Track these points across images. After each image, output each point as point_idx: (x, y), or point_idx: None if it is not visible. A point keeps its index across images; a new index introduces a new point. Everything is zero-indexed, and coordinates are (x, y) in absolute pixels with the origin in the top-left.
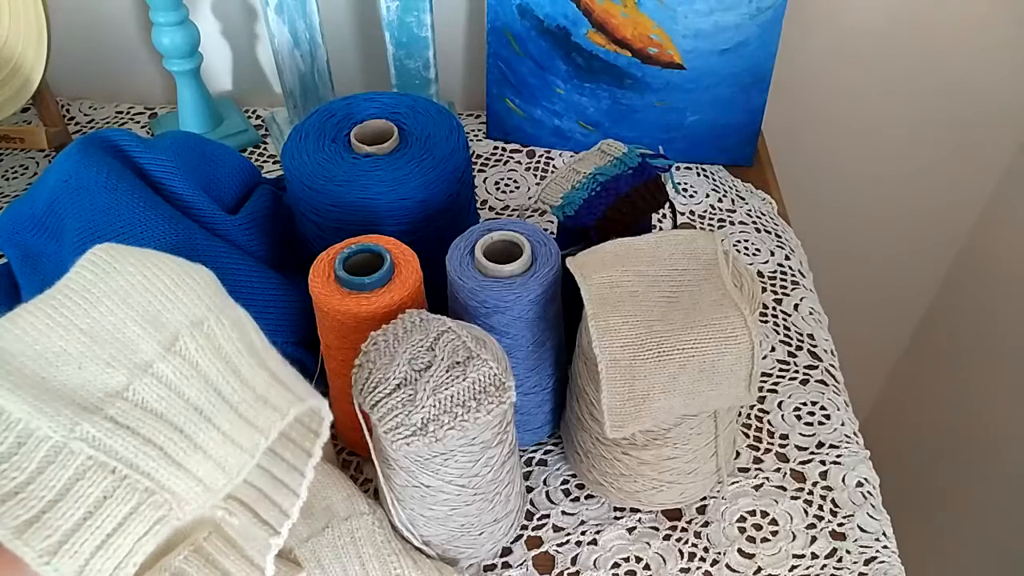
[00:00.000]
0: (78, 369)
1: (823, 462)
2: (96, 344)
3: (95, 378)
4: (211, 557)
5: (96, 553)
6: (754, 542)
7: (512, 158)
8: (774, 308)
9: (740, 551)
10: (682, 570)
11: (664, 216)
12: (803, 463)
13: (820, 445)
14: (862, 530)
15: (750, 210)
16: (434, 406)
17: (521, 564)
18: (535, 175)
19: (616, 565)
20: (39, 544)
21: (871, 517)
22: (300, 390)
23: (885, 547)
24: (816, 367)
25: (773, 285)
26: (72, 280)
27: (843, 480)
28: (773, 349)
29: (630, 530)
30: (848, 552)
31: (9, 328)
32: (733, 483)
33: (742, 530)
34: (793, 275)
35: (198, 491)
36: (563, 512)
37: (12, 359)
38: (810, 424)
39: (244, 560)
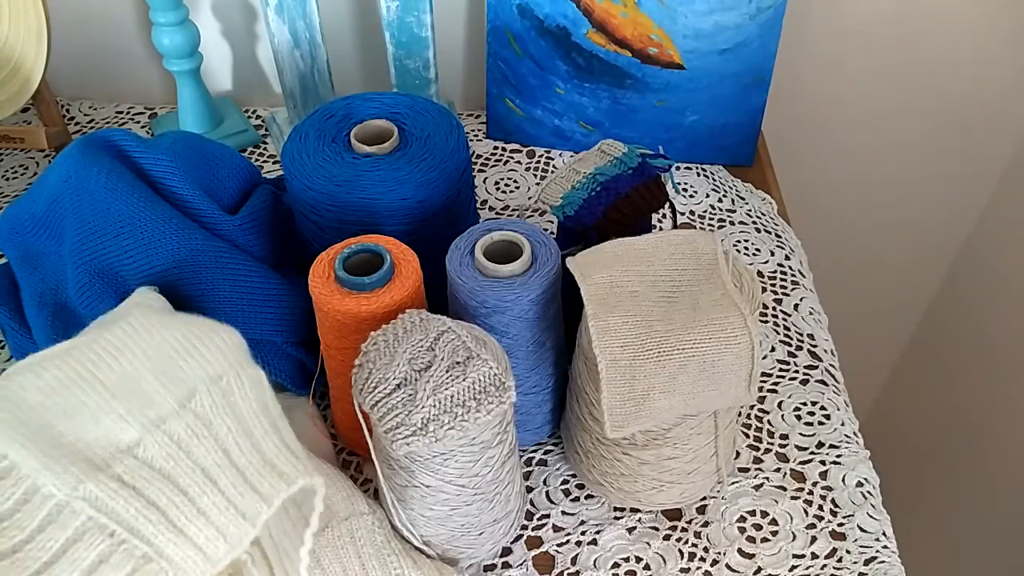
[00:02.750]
0: (94, 423)
1: (823, 462)
2: (115, 398)
3: (109, 432)
4: None
5: None
6: (754, 542)
7: (512, 158)
8: (774, 308)
9: (740, 551)
10: (682, 570)
11: (664, 216)
12: (803, 463)
13: (820, 445)
14: (862, 530)
15: (750, 210)
16: (434, 406)
17: (521, 564)
18: (535, 175)
19: (616, 565)
20: None
21: (871, 517)
22: (307, 463)
23: (885, 547)
24: (816, 367)
25: (773, 285)
26: (104, 336)
27: (843, 480)
28: (773, 349)
29: (630, 530)
30: (848, 552)
31: (34, 380)
32: (733, 483)
33: (742, 530)
34: (793, 275)
35: (196, 560)
36: (563, 512)
37: (31, 411)
38: (810, 424)
39: None
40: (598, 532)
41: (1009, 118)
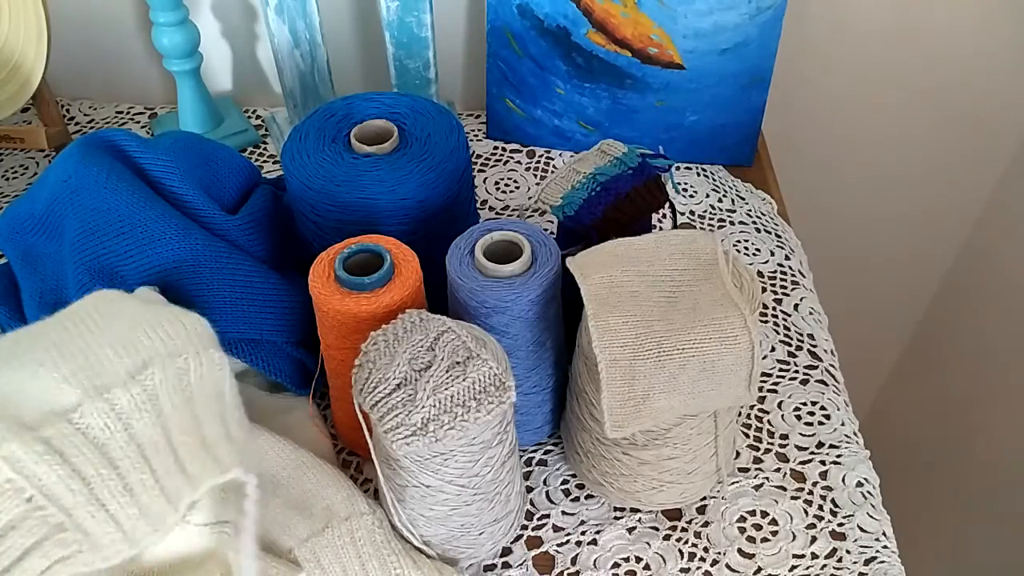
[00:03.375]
0: (33, 379)
1: (823, 462)
2: (61, 357)
3: (47, 392)
4: None
5: None
6: (754, 542)
7: (512, 158)
8: (774, 308)
9: (740, 551)
10: (682, 570)
11: (664, 216)
12: (803, 463)
13: (820, 445)
14: (862, 530)
15: (750, 210)
16: (434, 406)
17: (521, 564)
18: (535, 175)
19: (616, 565)
20: None
21: (871, 517)
22: (250, 456)
23: (885, 547)
24: (816, 367)
25: (773, 285)
26: (69, 307)
27: (843, 480)
28: (773, 349)
29: (630, 530)
30: (848, 552)
31: None
32: (733, 483)
33: (742, 530)
34: (793, 275)
35: (115, 537)
36: (563, 512)
37: None
38: (810, 424)
39: None
40: (598, 532)
41: (1009, 118)
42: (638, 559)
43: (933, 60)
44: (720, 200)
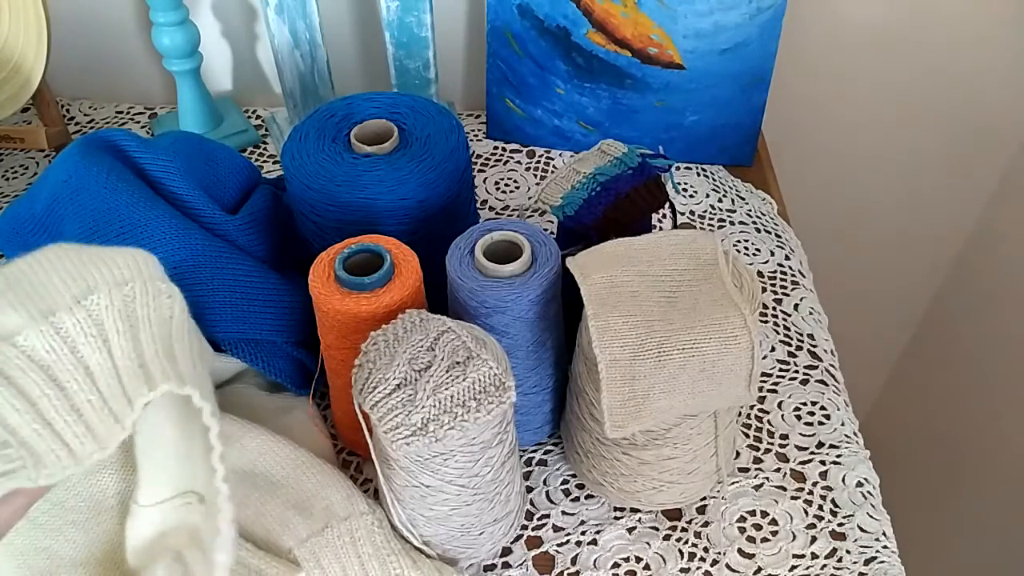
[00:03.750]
0: None
1: (823, 462)
2: (8, 287)
3: None
4: (189, 567)
5: None
6: (754, 542)
7: (512, 158)
8: (774, 308)
9: (740, 551)
10: (682, 570)
11: (664, 216)
12: (803, 463)
13: (820, 445)
14: (862, 530)
15: (750, 210)
16: (434, 406)
17: (521, 564)
18: (535, 175)
19: (616, 565)
20: None
21: (871, 517)
22: (190, 375)
23: (885, 547)
24: (816, 367)
25: (773, 285)
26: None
27: (843, 480)
28: (773, 349)
29: (630, 530)
30: (848, 552)
31: None
32: (733, 483)
33: (742, 530)
34: (793, 275)
35: (61, 454)
36: (563, 512)
37: None
38: (810, 424)
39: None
40: (598, 532)
41: (1010, 117)
42: (638, 559)
43: (933, 60)
44: (720, 200)
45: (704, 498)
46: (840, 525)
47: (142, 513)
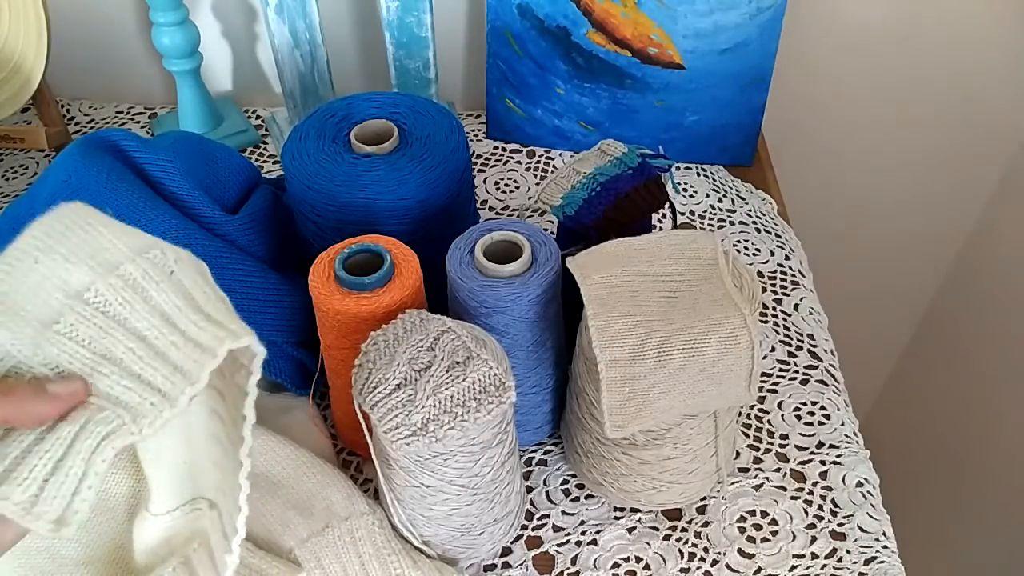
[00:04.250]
0: (31, 270)
1: (823, 462)
2: (58, 243)
3: (50, 277)
4: (196, 571)
5: (50, 479)
6: (754, 542)
7: (512, 158)
8: (774, 308)
9: (740, 551)
10: (682, 570)
11: (664, 216)
12: (803, 463)
13: (820, 445)
14: (862, 530)
15: (750, 210)
16: (434, 406)
17: (521, 564)
18: (535, 175)
19: (616, 565)
20: None
21: (871, 517)
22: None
23: (885, 547)
24: (816, 367)
25: (773, 285)
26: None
27: (843, 480)
28: (773, 349)
29: (630, 530)
30: (848, 552)
31: None
32: (733, 483)
33: (742, 530)
34: (793, 275)
35: (155, 400)
36: (563, 512)
37: None
38: (810, 424)
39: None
40: (598, 532)
41: (1010, 118)
42: (638, 559)
43: (933, 60)
44: (720, 200)
45: (704, 498)
46: (840, 525)
47: (153, 520)
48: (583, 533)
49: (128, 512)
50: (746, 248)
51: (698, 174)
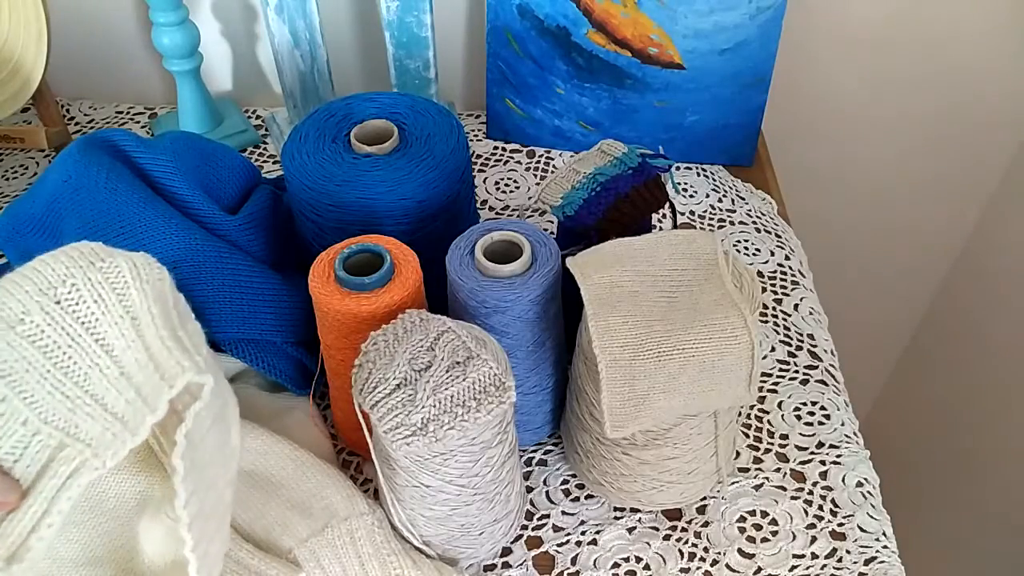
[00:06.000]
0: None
1: (823, 462)
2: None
3: (28, 268)
4: None
5: (5, 518)
6: (754, 542)
7: (512, 158)
8: (774, 308)
9: (740, 551)
10: (682, 570)
11: (664, 216)
12: (803, 463)
13: (820, 445)
14: (862, 530)
15: (750, 210)
16: (434, 406)
17: (521, 564)
18: (535, 175)
19: (616, 565)
20: None
21: (871, 517)
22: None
23: (885, 547)
24: (816, 367)
25: (773, 285)
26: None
27: (843, 480)
28: (773, 349)
29: (630, 530)
30: (848, 552)
31: None
32: (733, 483)
33: (742, 530)
34: (793, 275)
35: (116, 430)
36: (563, 512)
37: None
38: (810, 424)
39: None
40: (598, 532)
41: (1010, 118)
42: (638, 559)
43: (933, 60)
44: (720, 200)
45: (704, 498)
46: (840, 525)
47: (169, 523)
48: (583, 533)
49: (128, 512)
50: (746, 248)
51: (698, 174)
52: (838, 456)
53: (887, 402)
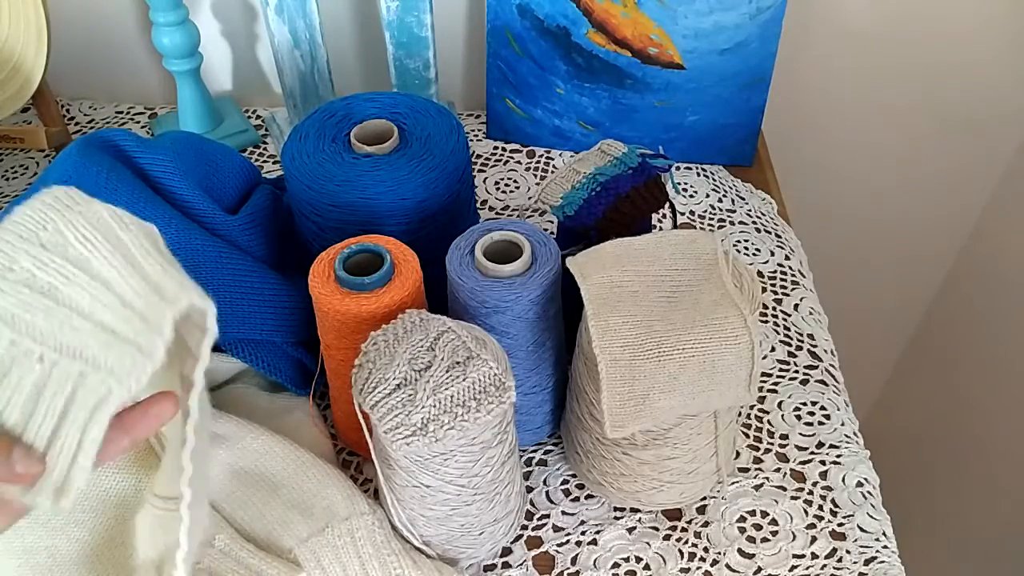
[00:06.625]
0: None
1: (823, 462)
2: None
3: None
4: None
5: (47, 452)
6: (754, 542)
7: (512, 158)
8: (774, 308)
9: (740, 551)
10: (682, 570)
11: (664, 216)
12: (803, 463)
13: (820, 445)
14: (862, 530)
15: (750, 210)
16: (434, 406)
17: (521, 564)
18: (535, 175)
19: (616, 565)
20: None
21: (871, 517)
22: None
23: (885, 547)
24: (816, 367)
25: (773, 285)
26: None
27: (843, 480)
28: (773, 349)
29: (630, 530)
30: (848, 552)
31: None
32: (733, 483)
33: (742, 530)
34: (793, 275)
35: (135, 356)
36: (563, 512)
37: None
38: (810, 424)
39: None
40: (598, 532)
41: (1010, 118)
42: (638, 559)
43: (933, 60)
44: (720, 200)
45: (704, 498)
46: (840, 525)
47: (152, 508)
48: (583, 533)
49: (129, 512)
50: (746, 248)
51: (698, 174)
52: (838, 456)
53: (887, 402)
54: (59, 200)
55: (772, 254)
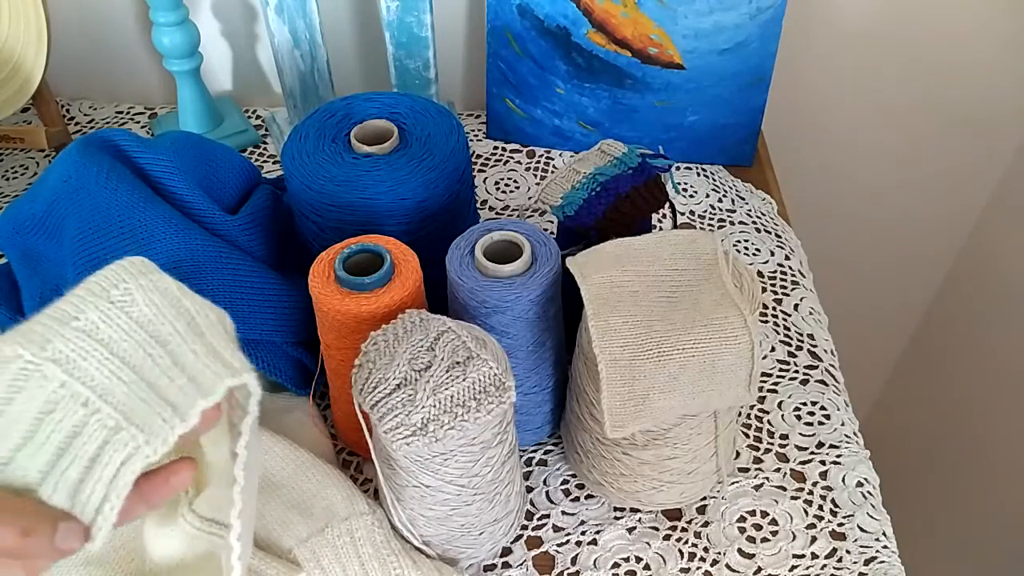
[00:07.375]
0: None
1: (823, 462)
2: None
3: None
4: None
5: (74, 498)
6: (754, 542)
7: (512, 158)
8: (774, 308)
9: (740, 551)
10: (682, 570)
11: (664, 216)
12: (803, 463)
13: (820, 445)
14: (862, 530)
15: (750, 210)
16: (434, 406)
17: (521, 564)
18: (535, 175)
19: (616, 565)
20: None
21: (871, 517)
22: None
23: (885, 547)
24: (816, 367)
25: (773, 285)
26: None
27: (843, 480)
28: (773, 349)
29: (630, 530)
30: (848, 552)
31: None
32: (733, 483)
33: (742, 530)
34: (793, 275)
35: (167, 415)
36: (563, 512)
37: None
38: (810, 424)
39: None
40: (598, 532)
41: (1010, 118)
42: (638, 559)
43: (933, 60)
44: (720, 200)
45: (704, 498)
46: (840, 525)
47: (181, 526)
48: (583, 533)
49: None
50: (746, 248)
51: (698, 174)
52: (838, 456)
53: (887, 402)
54: (134, 266)
55: (772, 254)
